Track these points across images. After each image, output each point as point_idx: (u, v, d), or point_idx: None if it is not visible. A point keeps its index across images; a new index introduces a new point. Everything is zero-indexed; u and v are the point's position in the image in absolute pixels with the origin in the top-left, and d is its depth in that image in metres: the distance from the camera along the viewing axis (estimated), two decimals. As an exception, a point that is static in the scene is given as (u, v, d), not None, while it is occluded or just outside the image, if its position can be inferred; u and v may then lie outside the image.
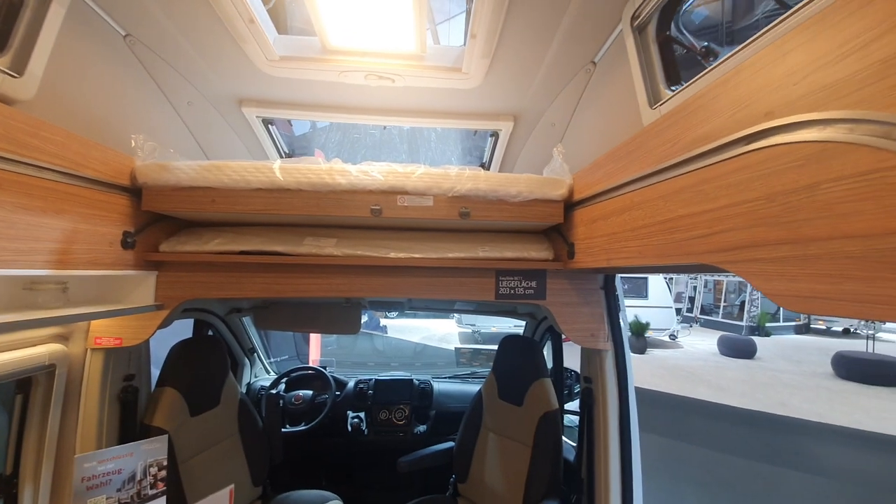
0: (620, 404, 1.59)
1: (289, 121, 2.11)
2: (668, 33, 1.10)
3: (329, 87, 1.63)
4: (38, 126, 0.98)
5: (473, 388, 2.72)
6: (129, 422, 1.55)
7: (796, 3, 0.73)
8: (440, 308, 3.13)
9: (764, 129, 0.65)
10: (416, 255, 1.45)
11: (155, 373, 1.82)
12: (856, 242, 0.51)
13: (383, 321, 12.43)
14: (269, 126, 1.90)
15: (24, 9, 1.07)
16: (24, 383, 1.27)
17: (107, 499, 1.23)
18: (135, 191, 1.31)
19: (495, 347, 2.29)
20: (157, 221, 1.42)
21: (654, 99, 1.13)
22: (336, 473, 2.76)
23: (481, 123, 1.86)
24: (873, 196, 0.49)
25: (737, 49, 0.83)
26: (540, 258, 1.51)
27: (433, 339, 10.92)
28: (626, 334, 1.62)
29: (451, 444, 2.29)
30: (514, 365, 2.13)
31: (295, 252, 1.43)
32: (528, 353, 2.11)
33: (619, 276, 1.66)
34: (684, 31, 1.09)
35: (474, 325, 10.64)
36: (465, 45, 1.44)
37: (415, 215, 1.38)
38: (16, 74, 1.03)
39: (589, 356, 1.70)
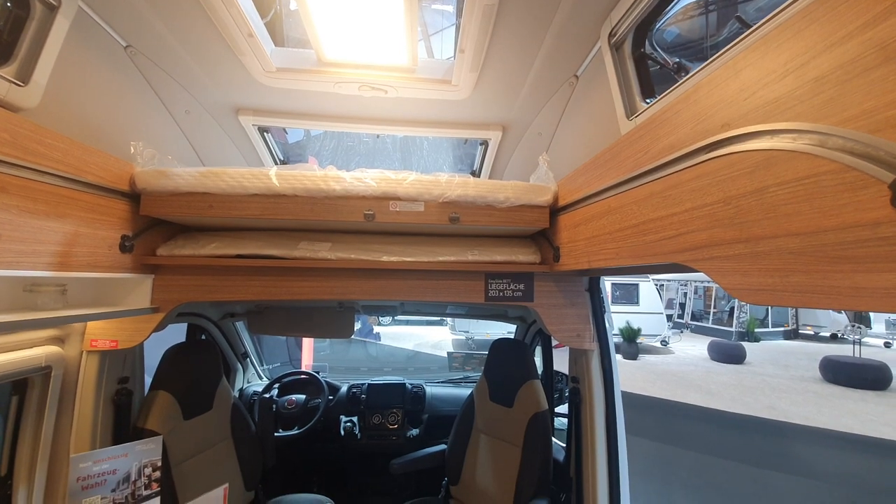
0: (606, 402, 1.65)
1: (283, 129, 2.17)
2: (642, 50, 1.18)
3: (324, 98, 1.69)
4: (42, 133, 1.02)
5: (466, 392, 2.75)
6: (123, 425, 1.57)
7: (755, 23, 0.81)
8: (432, 312, 3.17)
9: (721, 139, 0.71)
10: (408, 259, 1.50)
11: (146, 380, 1.83)
12: (797, 240, 0.58)
13: (377, 328, 12.41)
14: (265, 134, 1.96)
15: (30, 21, 1.11)
16: (20, 385, 1.29)
17: (101, 499, 1.25)
18: (134, 196, 1.34)
19: (486, 353, 2.34)
20: (155, 226, 1.45)
21: (630, 111, 1.20)
22: (329, 478, 2.76)
23: (471, 133, 1.93)
24: (809, 198, 0.56)
25: (699, 68, 0.90)
26: (528, 261, 1.56)
27: (426, 346, 10.92)
28: (611, 335, 1.68)
29: (443, 446, 2.32)
30: (505, 367, 2.18)
31: (290, 256, 1.47)
32: (519, 355, 2.16)
33: (605, 280, 1.72)
34: (657, 48, 1.17)
35: (468, 331, 10.68)
36: (454, 58, 1.51)
37: (407, 220, 1.43)
38: (21, 83, 1.08)
39: (576, 357, 1.75)
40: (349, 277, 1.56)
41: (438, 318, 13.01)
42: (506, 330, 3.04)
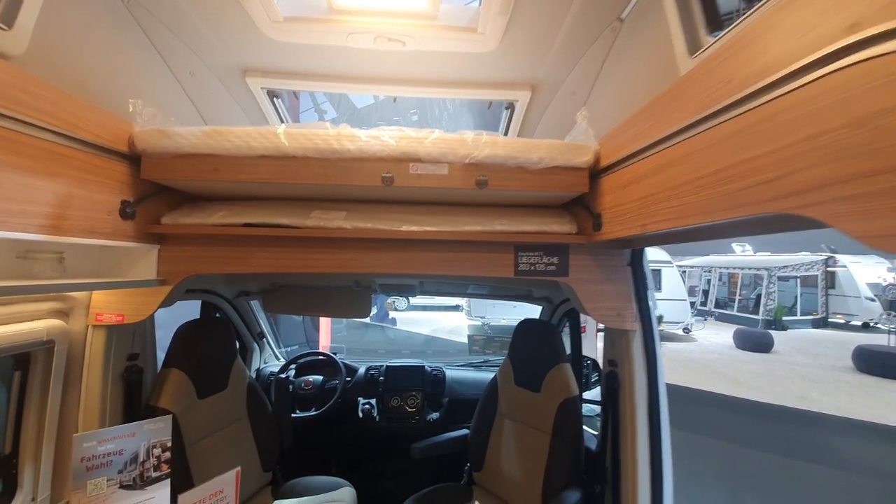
0: (650, 388, 1.50)
1: (295, 96, 2.04)
2: (710, -29, 0.99)
3: (336, 53, 1.54)
4: (27, 81, 0.91)
5: (487, 375, 2.63)
6: (134, 402, 1.50)
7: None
8: (452, 292, 3.05)
9: (846, 46, 0.55)
10: (430, 228, 1.37)
11: (160, 356, 1.77)
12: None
13: (392, 314, 12.43)
14: (275, 99, 1.83)
15: (13, -41, 1.00)
16: (23, 359, 1.22)
17: (108, 480, 1.18)
18: (133, 158, 1.24)
19: (508, 337, 2.21)
20: (160, 193, 1.35)
21: (694, 47, 1.02)
22: (347, 460, 2.71)
23: (496, 93, 1.76)
24: None
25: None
26: (562, 231, 1.41)
27: (442, 332, 10.90)
28: (654, 314, 1.52)
29: (465, 431, 2.22)
30: (532, 350, 2.04)
31: (302, 225, 1.36)
32: (546, 337, 2.02)
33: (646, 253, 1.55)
34: (729, -32, 0.98)
35: (484, 316, 10.54)
36: (480, 3, 1.35)
37: (428, 185, 1.29)
38: (4, 27, 0.97)
39: (614, 338, 1.60)
40: (366, 249, 1.44)
41: (454, 305, 12.96)
42: (525, 315, 2.90)
